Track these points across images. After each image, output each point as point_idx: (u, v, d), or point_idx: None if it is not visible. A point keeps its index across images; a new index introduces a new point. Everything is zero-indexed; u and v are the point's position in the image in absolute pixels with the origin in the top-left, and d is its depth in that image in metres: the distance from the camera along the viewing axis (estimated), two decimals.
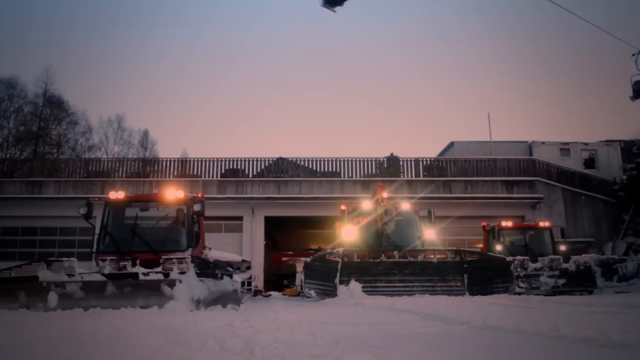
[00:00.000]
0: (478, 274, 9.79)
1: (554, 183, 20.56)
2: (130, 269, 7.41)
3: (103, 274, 7.25)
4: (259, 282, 17.94)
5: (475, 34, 69.02)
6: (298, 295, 13.29)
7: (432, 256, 10.33)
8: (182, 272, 7.06)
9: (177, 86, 65.81)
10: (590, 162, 24.70)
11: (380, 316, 5.54)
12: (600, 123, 65.17)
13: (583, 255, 12.47)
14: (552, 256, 11.92)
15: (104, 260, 7.88)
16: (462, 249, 10.55)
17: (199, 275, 7.12)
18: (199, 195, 9.88)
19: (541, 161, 21.54)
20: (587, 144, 25.46)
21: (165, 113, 65.98)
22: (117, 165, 21.76)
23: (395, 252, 9.99)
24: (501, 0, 66.56)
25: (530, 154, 24.03)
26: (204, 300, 6.90)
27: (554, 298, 8.71)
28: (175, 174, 20.47)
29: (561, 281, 11.36)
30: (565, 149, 24.91)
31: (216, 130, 67.15)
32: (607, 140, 25.93)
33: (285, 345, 3.14)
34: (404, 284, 9.50)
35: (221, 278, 7.37)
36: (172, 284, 6.81)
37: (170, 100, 65.04)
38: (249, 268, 11.85)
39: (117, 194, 9.20)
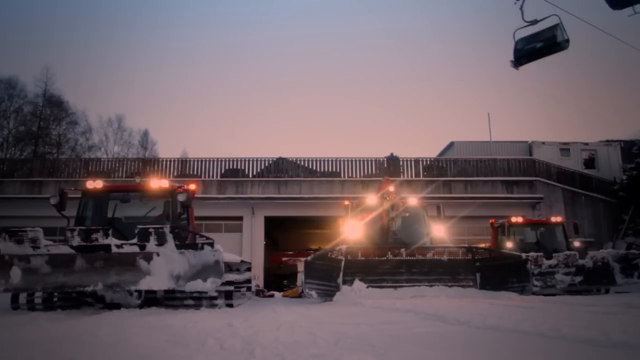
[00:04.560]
0: (491, 272, 9.24)
1: (554, 183, 20.57)
2: (102, 241, 6.58)
3: (71, 246, 6.47)
4: (258, 282, 17.94)
5: (475, 34, 69.05)
6: (299, 296, 13.04)
7: (441, 254, 9.69)
8: (160, 244, 6.28)
9: (177, 86, 65.87)
10: (590, 162, 24.71)
11: (380, 316, 5.54)
12: (600, 123, 65.23)
13: (600, 250, 12.04)
14: (568, 252, 11.39)
15: (72, 231, 6.96)
16: (474, 246, 9.95)
17: (178, 247, 6.36)
18: (188, 185, 8.93)
19: (541, 161, 21.55)
20: (587, 144, 25.48)
21: (165, 113, 66.03)
22: (117, 165, 21.78)
23: (403, 250, 9.41)
24: (500, 0, 66.42)
25: (530, 154, 24.03)
26: (184, 276, 6.19)
27: (554, 298, 8.68)
28: (175, 174, 20.47)
29: (578, 278, 10.85)
30: (565, 149, 24.93)
31: (216, 130, 67.20)
32: (607, 140, 25.94)
33: (285, 345, 3.14)
34: (411, 284, 8.90)
35: (202, 248, 6.48)
36: (148, 257, 6.10)
37: (170, 100, 65.08)
38: (249, 269, 11.19)
39: (94, 183, 8.32)
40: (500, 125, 74.63)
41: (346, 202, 11.76)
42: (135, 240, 6.40)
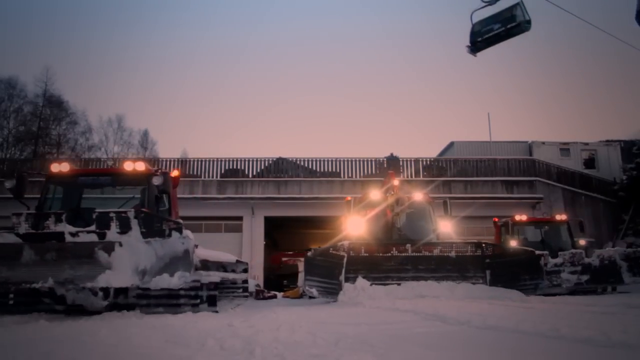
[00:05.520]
0: (502, 269, 8.82)
1: (554, 183, 20.58)
2: (54, 228, 5.64)
3: (18, 235, 5.60)
4: (259, 283, 17.92)
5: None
6: (301, 297, 12.83)
7: (449, 250, 9.18)
8: (123, 232, 5.37)
9: (177, 86, 65.88)
10: (590, 162, 24.73)
11: (380, 316, 5.53)
12: (600, 123, 65.27)
13: (607, 248, 11.90)
14: (574, 250, 11.20)
15: (19, 216, 6.06)
16: (483, 241, 9.60)
17: (144, 235, 5.43)
18: (172, 172, 7.84)
19: (541, 161, 21.56)
20: (587, 144, 25.50)
21: (165, 113, 66.04)
22: (117, 165, 21.78)
23: (408, 246, 8.97)
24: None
25: (530, 154, 24.05)
26: (150, 270, 5.31)
27: (554, 298, 8.65)
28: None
29: (584, 277, 10.62)
30: (565, 149, 24.95)
31: (216, 130, 67.21)
32: (607, 140, 25.96)
33: (285, 345, 3.14)
34: (418, 282, 8.47)
35: (169, 235, 5.61)
36: (109, 248, 5.16)
37: (170, 100, 65.10)
38: (246, 270, 10.40)
39: (60, 167, 7.20)
40: (500, 125, 74.65)
41: (348, 198, 11.40)
42: (93, 228, 5.46)
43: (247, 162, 20.82)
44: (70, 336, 3.70)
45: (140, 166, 7.10)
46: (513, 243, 12.44)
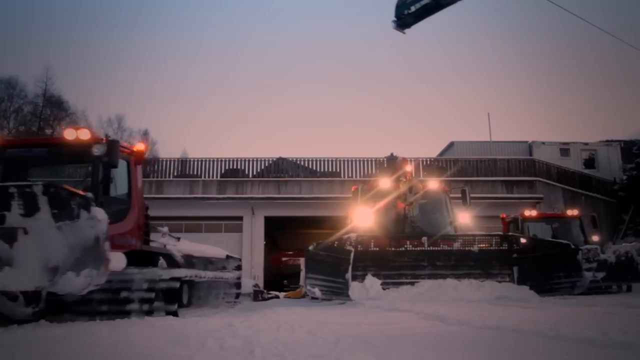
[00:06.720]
0: (532, 265, 7.88)
1: (554, 183, 20.58)
2: None
3: None
4: (258, 282, 17.93)
5: (475, 34, 69.04)
6: (303, 297, 12.55)
7: (471, 244, 8.21)
8: (29, 214, 4.06)
9: (177, 86, 65.89)
10: (590, 162, 24.73)
11: (380, 316, 5.54)
12: (600, 123, 65.26)
13: (623, 244, 11.66)
14: (589, 246, 10.77)
15: None
16: (510, 234, 8.64)
17: (56, 217, 4.05)
18: (137, 146, 6.45)
19: (541, 161, 21.57)
20: (587, 144, 25.51)
21: (165, 113, 66.06)
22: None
23: (424, 239, 8.01)
24: (501, 0, 66.49)
25: (530, 154, 24.05)
26: (63, 266, 4.01)
27: (553, 298, 8.61)
28: (175, 174, 20.47)
29: (600, 274, 10.23)
30: (565, 149, 24.95)
31: (216, 130, 67.24)
32: (607, 140, 25.98)
33: (285, 345, 3.14)
34: (435, 280, 7.60)
35: (77, 216, 4.12)
36: (10, 236, 4.04)
37: (170, 100, 65.11)
38: (239, 268, 9.30)
39: None
40: (500, 125, 74.69)
41: (354, 188, 10.58)
42: None
43: (247, 162, 20.83)
44: (70, 336, 3.70)
45: (85, 134, 5.46)
46: (522, 241, 12.27)
